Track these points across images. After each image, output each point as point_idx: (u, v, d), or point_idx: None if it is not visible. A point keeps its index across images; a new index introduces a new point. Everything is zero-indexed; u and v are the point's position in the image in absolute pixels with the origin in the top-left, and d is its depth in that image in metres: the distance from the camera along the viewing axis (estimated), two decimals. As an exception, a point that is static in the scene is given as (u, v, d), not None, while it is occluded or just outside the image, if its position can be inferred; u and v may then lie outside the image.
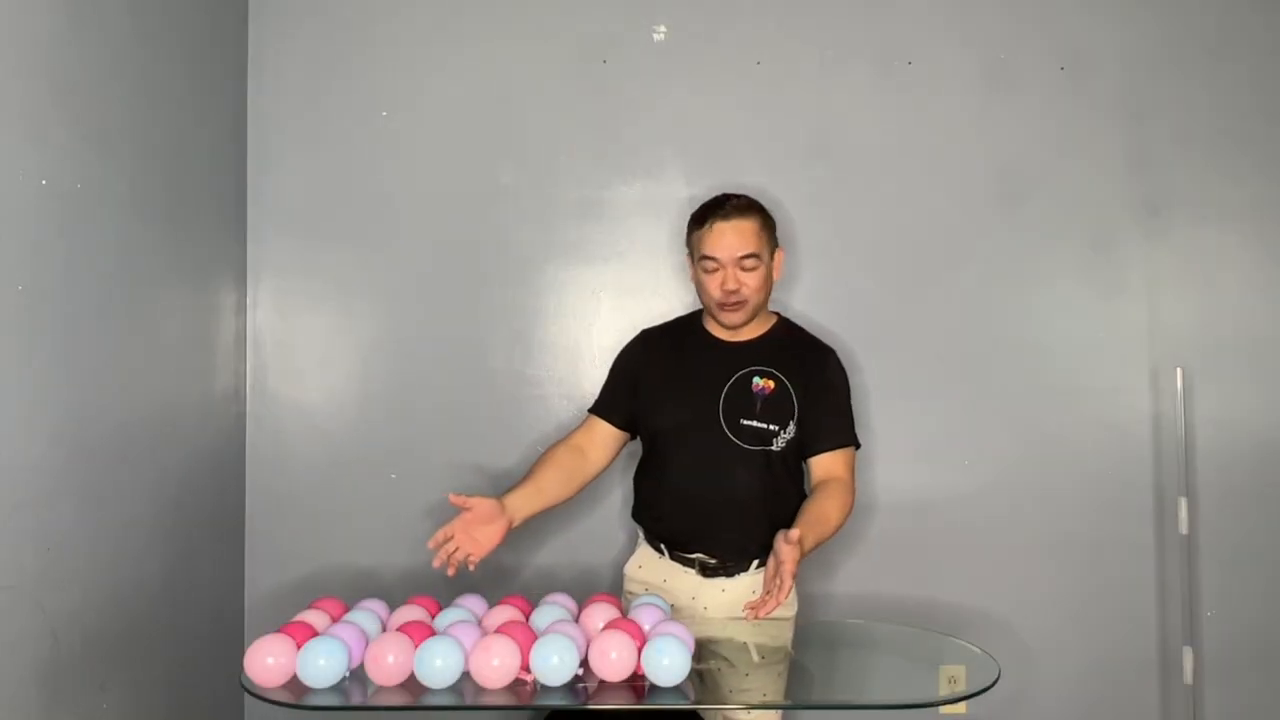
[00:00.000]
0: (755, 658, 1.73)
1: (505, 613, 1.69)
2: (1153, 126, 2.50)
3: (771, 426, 1.93)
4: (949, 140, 2.50)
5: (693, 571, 1.95)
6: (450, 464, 2.46)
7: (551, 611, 1.68)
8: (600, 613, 1.66)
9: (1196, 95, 2.50)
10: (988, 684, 1.57)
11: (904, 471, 2.48)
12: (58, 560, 1.71)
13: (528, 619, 1.67)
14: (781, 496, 1.95)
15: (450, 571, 1.84)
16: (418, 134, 2.51)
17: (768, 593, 1.67)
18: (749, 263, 1.91)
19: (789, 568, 1.65)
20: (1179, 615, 2.44)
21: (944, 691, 1.69)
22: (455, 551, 1.84)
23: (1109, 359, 2.49)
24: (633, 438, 2.09)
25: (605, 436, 2.04)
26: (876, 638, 2.01)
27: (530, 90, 2.52)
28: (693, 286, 2.03)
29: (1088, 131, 2.50)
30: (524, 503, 1.92)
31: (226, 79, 2.43)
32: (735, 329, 1.98)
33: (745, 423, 1.93)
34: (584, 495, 2.45)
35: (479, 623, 1.66)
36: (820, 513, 1.84)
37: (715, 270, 1.91)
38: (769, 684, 1.73)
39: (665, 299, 2.48)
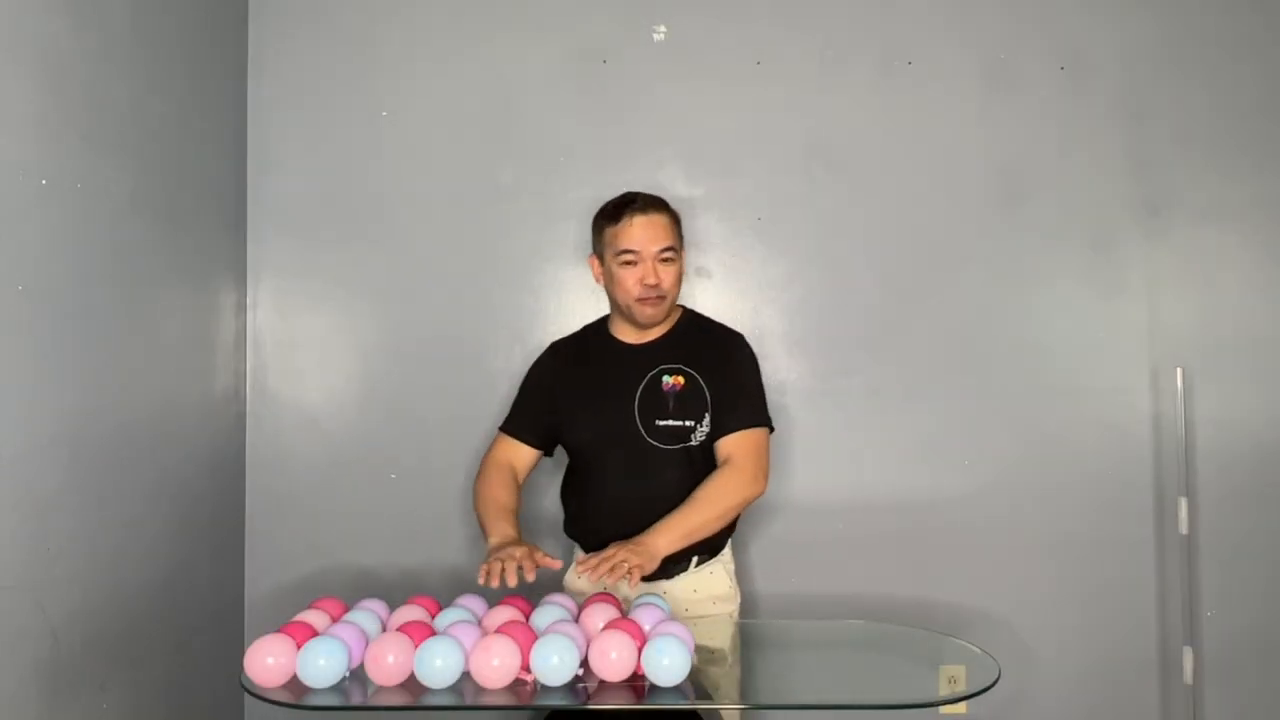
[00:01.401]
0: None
1: (505, 613, 1.68)
2: (1153, 126, 2.50)
3: (687, 423, 1.93)
4: (949, 140, 2.50)
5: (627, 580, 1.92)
6: (450, 464, 2.46)
7: (551, 611, 1.68)
8: (600, 613, 1.66)
9: (1196, 95, 2.50)
10: (988, 684, 1.57)
11: (904, 471, 2.48)
12: (58, 560, 1.71)
13: (528, 619, 1.66)
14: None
15: (511, 580, 1.70)
16: (418, 134, 2.51)
17: (593, 566, 1.72)
18: (667, 255, 1.92)
19: (609, 566, 1.70)
20: (1179, 615, 2.44)
21: (944, 691, 1.69)
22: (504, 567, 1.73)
23: (1109, 359, 2.49)
24: (547, 455, 2.08)
25: (525, 457, 2.04)
26: (876, 638, 2.01)
27: (530, 90, 2.52)
28: (600, 283, 2.00)
29: (1088, 131, 2.50)
30: (509, 527, 1.89)
31: (226, 79, 2.43)
32: (649, 327, 1.97)
33: (660, 423, 1.92)
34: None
35: (479, 623, 1.66)
36: (691, 500, 1.86)
37: (633, 265, 1.90)
38: (722, 684, 1.74)
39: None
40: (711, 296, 2.49)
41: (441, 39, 2.52)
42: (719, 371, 1.97)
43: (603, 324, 2.09)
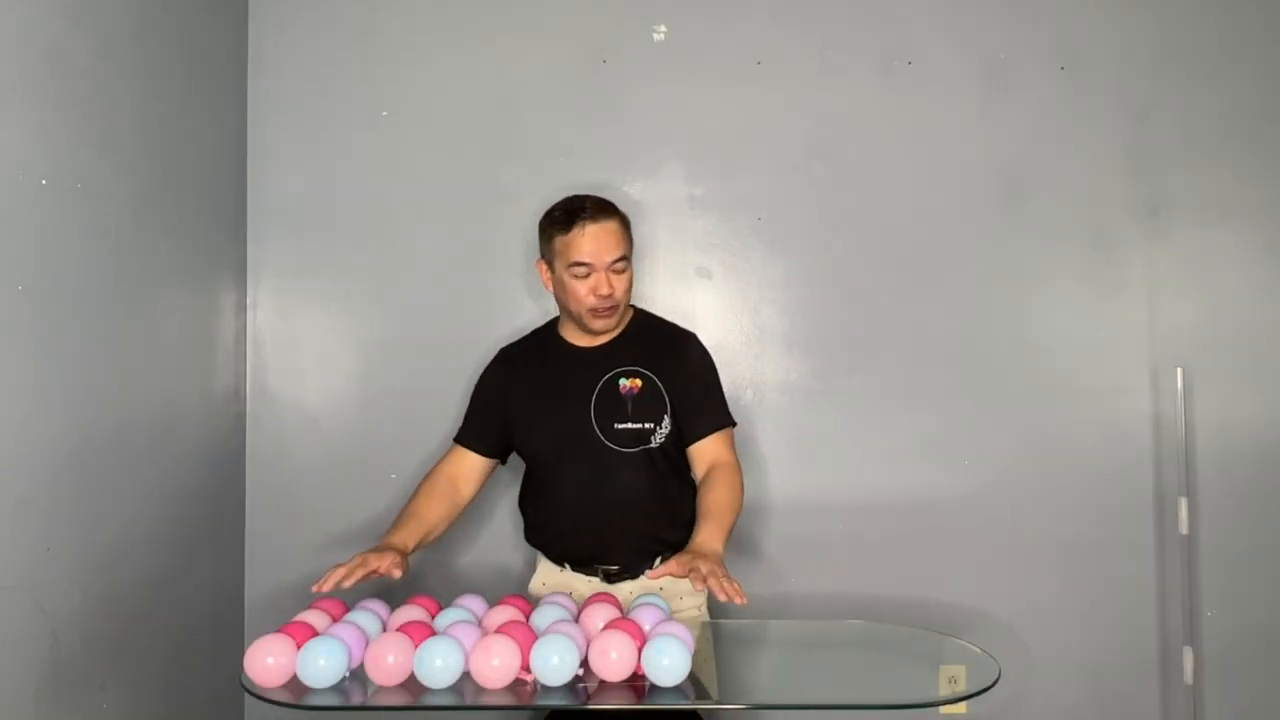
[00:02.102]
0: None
1: (505, 613, 1.69)
2: (1153, 126, 2.50)
3: (646, 425, 1.92)
4: (949, 140, 2.50)
5: (596, 580, 1.95)
6: (450, 464, 2.46)
7: (551, 611, 1.68)
8: (600, 613, 1.66)
9: (1196, 95, 2.50)
10: (988, 684, 1.57)
11: (904, 471, 2.48)
12: (58, 560, 1.71)
13: (528, 619, 1.66)
14: (670, 492, 1.95)
15: (348, 583, 1.69)
16: (418, 134, 2.51)
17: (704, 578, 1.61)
18: (620, 265, 1.89)
19: (713, 581, 1.58)
20: (1179, 615, 2.44)
21: (944, 691, 1.69)
22: (348, 573, 1.70)
23: (1109, 359, 2.49)
24: (501, 463, 2.07)
25: (474, 466, 2.01)
26: (876, 638, 2.01)
27: (530, 90, 2.52)
28: (550, 289, 1.96)
29: (1088, 131, 2.50)
30: (408, 535, 1.88)
31: (226, 79, 2.43)
32: (603, 334, 1.95)
33: (619, 426, 1.91)
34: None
35: (479, 623, 1.66)
36: (717, 505, 1.83)
37: (586, 275, 1.86)
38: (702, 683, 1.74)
39: (665, 299, 2.48)
40: (711, 296, 2.49)
41: (442, 39, 2.52)
42: (676, 372, 1.96)
43: (552, 327, 2.07)
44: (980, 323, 2.50)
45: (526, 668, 1.50)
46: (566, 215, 1.89)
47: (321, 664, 1.48)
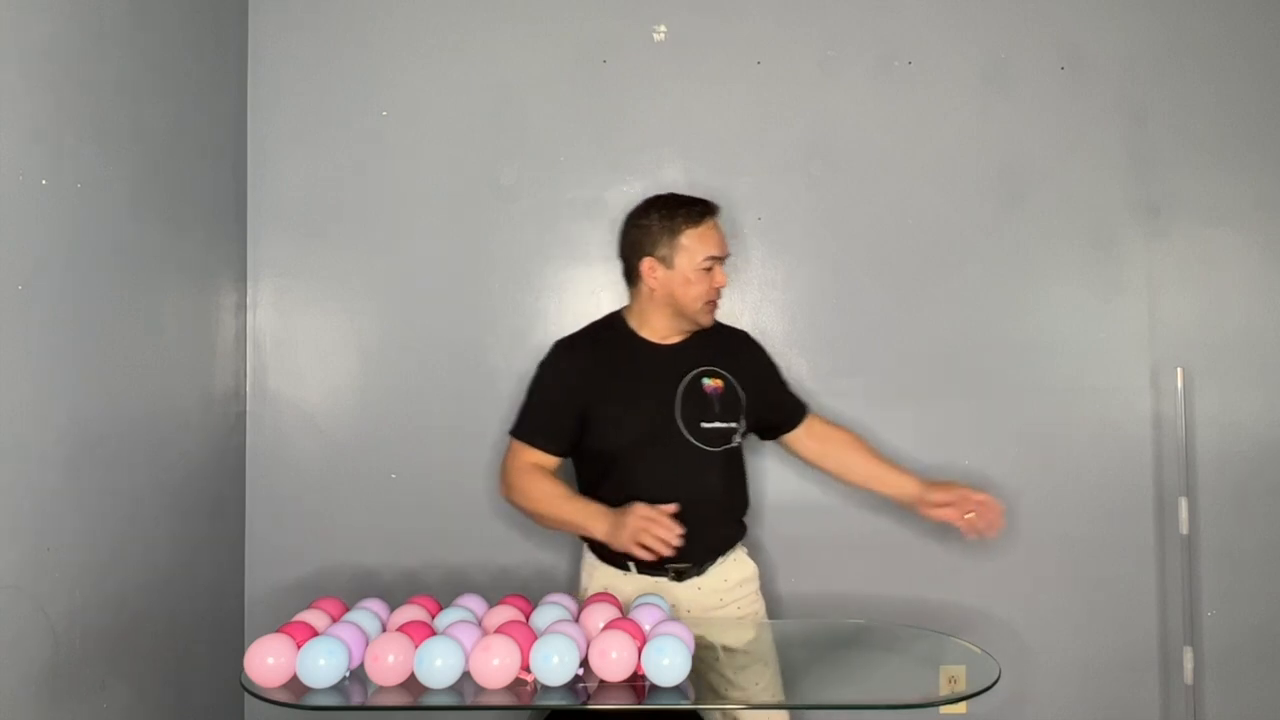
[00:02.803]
0: (720, 658, 1.78)
1: (505, 613, 1.69)
2: (1153, 126, 2.50)
3: (730, 424, 1.95)
4: (949, 140, 2.50)
5: (664, 579, 1.93)
6: (450, 464, 2.46)
7: (551, 611, 1.68)
8: (600, 613, 1.66)
9: (1196, 95, 2.50)
10: (988, 684, 1.57)
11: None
12: (58, 560, 1.71)
13: (528, 619, 1.66)
14: (738, 489, 2.03)
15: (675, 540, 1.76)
16: (418, 134, 2.51)
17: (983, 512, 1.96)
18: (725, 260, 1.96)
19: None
20: (1179, 615, 2.44)
21: (944, 691, 1.69)
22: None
23: (1109, 359, 2.49)
24: (564, 458, 2.02)
25: (546, 465, 1.96)
26: (876, 638, 2.01)
27: (530, 90, 2.52)
28: (655, 286, 1.94)
29: (1088, 131, 2.50)
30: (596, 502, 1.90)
31: (226, 79, 2.43)
32: (688, 331, 1.98)
33: (706, 425, 1.93)
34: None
35: (479, 623, 1.66)
36: (881, 457, 2.09)
37: (710, 269, 1.92)
38: (762, 684, 1.76)
39: (665, 299, 2.48)
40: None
41: (442, 39, 2.52)
42: (749, 371, 2.02)
43: (617, 322, 2.03)
44: (980, 323, 2.50)
45: (526, 668, 1.50)
46: (697, 210, 1.93)
47: (321, 664, 1.48)
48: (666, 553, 1.76)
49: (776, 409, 2.09)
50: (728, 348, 2.03)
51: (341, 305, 2.51)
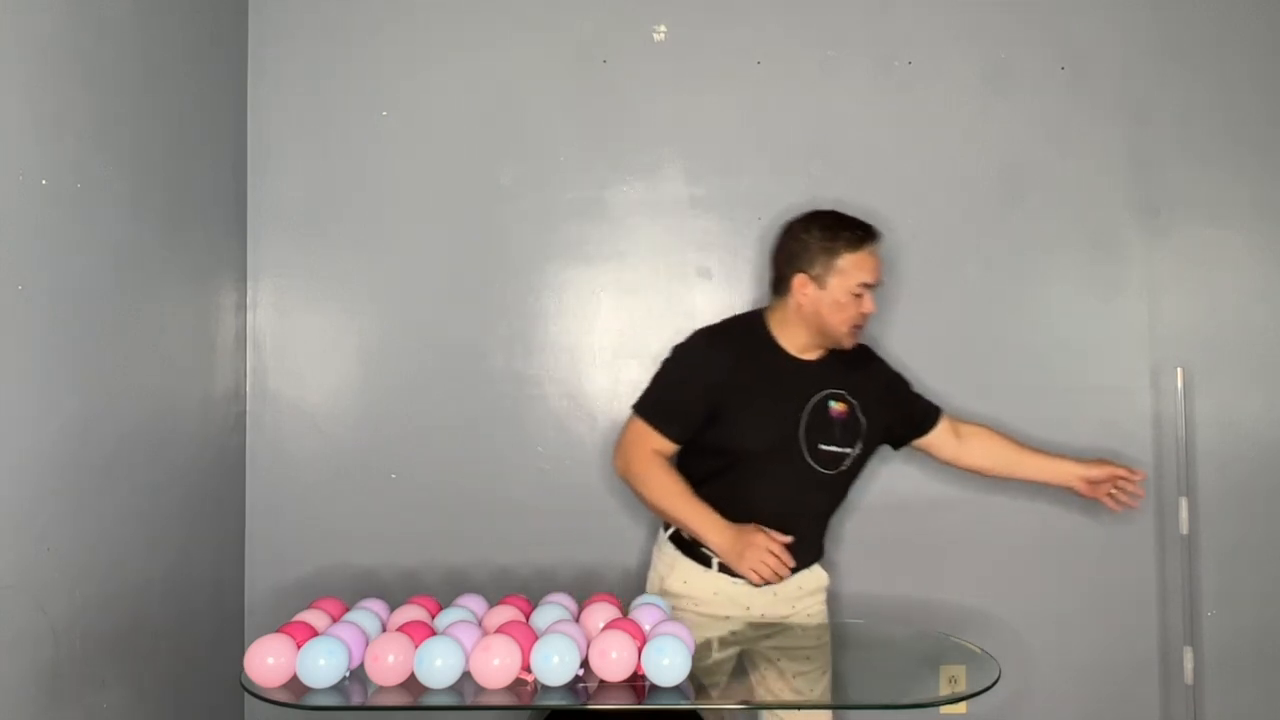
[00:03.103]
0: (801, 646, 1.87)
1: (505, 613, 1.69)
2: (1153, 126, 2.50)
3: (846, 450, 1.96)
4: (949, 140, 2.50)
5: (741, 581, 1.91)
6: (450, 464, 2.46)
7: (551, 611, 1.68)
8: (600, 613, 1.66)
9: (1196, 95, 2.50)
10: (988, 684, 1.58)
11: (904, 471, 2.47)
12: (58, 560, 1.71)
13: (528, 619, 1.67)
14: (837, 509, 2.04)
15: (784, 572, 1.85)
16: (418, 134, 2.51)
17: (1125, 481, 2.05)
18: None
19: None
20: (1179, 615, 2.44)
21: (944, 691, 1.70)
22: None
23: (1109, 359, 2.49)
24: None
25: (668, 452, 1.93)
26: (876, 638, 2.02)
27: (530, 90, 2.52)
28: (805, 302, 1.92)
29: (1088, 131, 2.50)
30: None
31: (226, 79, 2.43)
32: (829, 349, 1.97)
33: (824, 447, 1.93)
34: (584, 494, 2.46)
35: (479, 623, 1.66)
36: (1020, 443, 2.14)
37: (861, 295, 1.90)
38: (818, 690, 1.85)
39: (665, 299, 2.48)
40: (711, 296, 2.49)
41: (441, 39, 2.52)
42: (876, 390, 2.03)
43: (759, 325, 2.00)
44: (980, 323, 2.50)
45: (527, 668, 1.50)
46: (858, 235, 1.91)
47: (321, 664, 1.48)
48: (775, 581, 1.83)
49: (907, 419, 2.11)
50: (856, 366, 2.02)
51: (341, 305, 2.51)
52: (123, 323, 1.94)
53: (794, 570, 1.91)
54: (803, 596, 1.99)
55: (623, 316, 2.49)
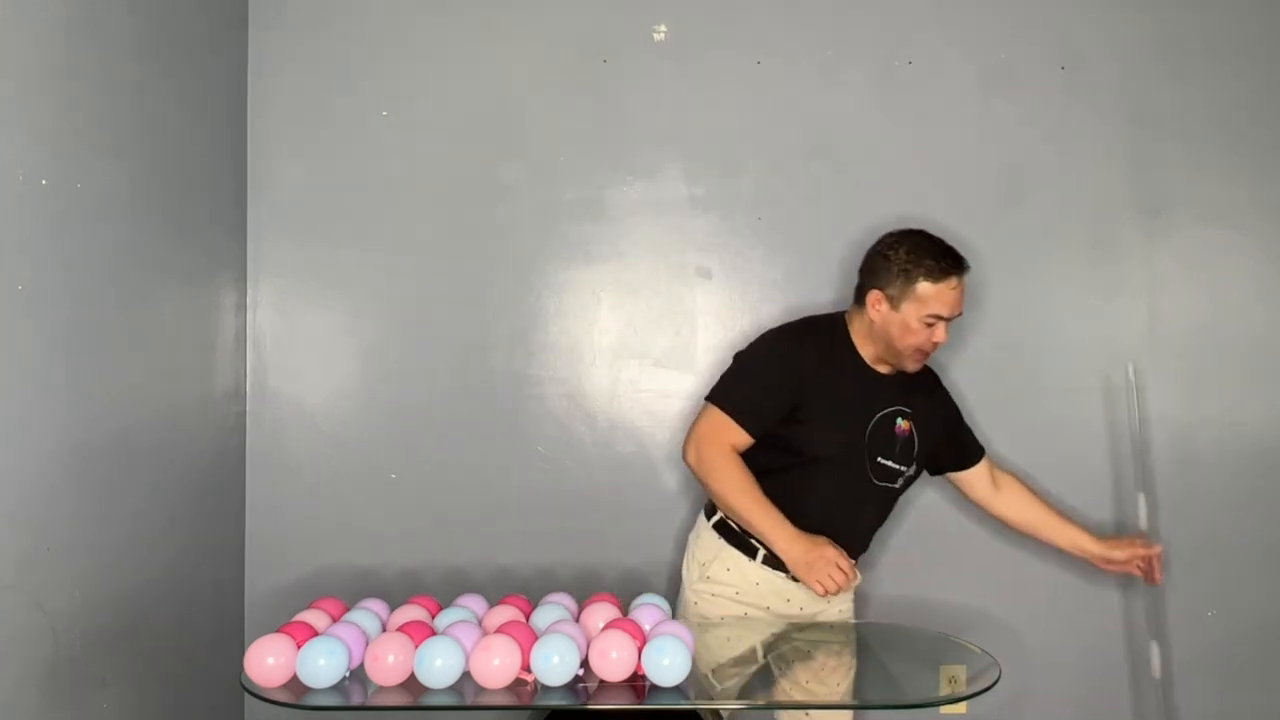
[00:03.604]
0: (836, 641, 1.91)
1: (505, 613, 1.69)
2: (1153, 126, 2.49)
3: (902, 468, 1.98)
4: (949, 140, 2.50)
5: (783, 574, 1.93)
6: (450, 464, 2.46)
7: (551, 611, 1.68)
8: (600, 613, 1.67)
9: (1196, 95, 2.50)
10: (988, 684, 1.58)
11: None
12: (58, 560, 1.71)
13: (528, 619, 1.67)
14: (884, 523, 2.06)
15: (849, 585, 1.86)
16: (418, 134, 2.51)
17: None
18: (957, 319, 1.94)
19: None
20: (1179, 615, 2.44)
21: (944, 691, 1.70)
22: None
23: (1109, 359, 2.48)
24: None
25: (743, 445, 1.92)
26: (877, 638, 2.02)
27: (530, 90, 2.52)
28: (877, 319, 1.92)
29: (1088, 131, 2.50)
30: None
31: (226, 79, 2.43)
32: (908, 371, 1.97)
33: (882, 461, 1.95)
34: (584, 494, 2.46)
35: (479, 623, 1.66)
36: (1050, 508, 2.16)
37: (932, 325, 1.89)
38: (844, 686, 1.87)
39: (665, 299, 2.48)
40: (711, 296, 2.49)
41: (441, 39, 2.52)
42: (938, 415, 2.06)
43: (841, 329, 2.00)
44: (979, 322, 2.50)
45: (527, 668, 1.50)
46: (941, 267, 1.87)
47: (321, 664, 1.48)
48: (836, 594, 1.84)
49: (956, 451, 2.14)
50: (923, 388, 2.04)
51: (341, 305, 2.51)
52: (123, 323, 1.94)
53: None
54: (835, 599, 2.01)
55: (623, 316, 2.49)
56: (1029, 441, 2.48)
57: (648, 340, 2.49)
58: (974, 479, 2.16)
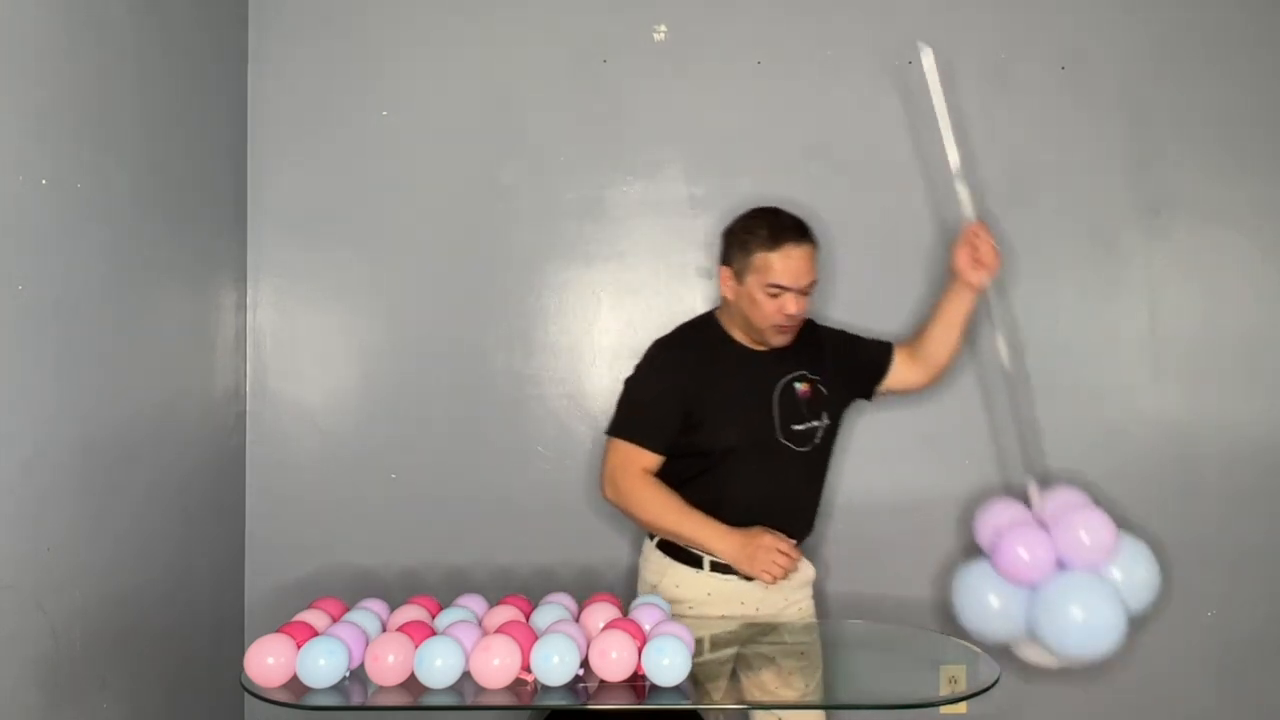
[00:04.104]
0: (799, 642, 1.88)
1: (505, 613, 1.69)
2: (1153, 126, 2.49)
3: (814, 424, 1.98)
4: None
5: (734, 578, 1.93)
6: (450, 464, 2.46)
7: (551, 611, 1.68)
8: (600, 613, 1.67)
9: (1196, 95, 2.49)
10: (988, 684, 1.58)
11: (904, 471, 2.47)
12: (58, 560, 1.71)
13: (528, 619, 1.67)
14: (817, 490, 2.05)
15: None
16: (418, 134, 2.51)
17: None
18: (810, 288, 1.92)
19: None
20: (1180, 615, 2.44)
21: (944, 691, 1.70)
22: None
23: (1109, 359, 2.48)
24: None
25: (653, 467, 1.94)
26: (876, 638, 2.02)
27: (530, 90, 2.52)
28: (729, 296, 1.94)
29: (1088, 131, 2.50)
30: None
31: (227, 79, 2.43)
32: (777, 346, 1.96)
33: (796, 428, 1.95)
34: (584, 494, 2.46)
35: (479, 623, 1.66)
36: (932, 319, 2.09)
37: (777, 296, 1.87)
38: (811, 686, 1.84)
39: (665, 299, 2.48)
40: (711, 296, 2.49)
41: (441, 39, 2.52)
42: (830, 357, 2.05)
43: (713, 325, 2.02)
44: (979, 323, 2.49)
45: (527, 668, 1.50)
46: (772, 234, 1.87)
47: (321, 664, 1.48)
48: (785, 578, 1.86)
49: (863, 368, 2.10)
50: (810, 346, 2.03)
51: (341, 305, 2.51)
52: (123, 323, 1.94)
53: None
54: (795, 589, 2.00)
55: (623, 316, 2.48)
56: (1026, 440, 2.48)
57: (648, 340, 2.46)
58: (903, 372, 2.11)
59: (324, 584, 2.42)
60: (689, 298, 2.49)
